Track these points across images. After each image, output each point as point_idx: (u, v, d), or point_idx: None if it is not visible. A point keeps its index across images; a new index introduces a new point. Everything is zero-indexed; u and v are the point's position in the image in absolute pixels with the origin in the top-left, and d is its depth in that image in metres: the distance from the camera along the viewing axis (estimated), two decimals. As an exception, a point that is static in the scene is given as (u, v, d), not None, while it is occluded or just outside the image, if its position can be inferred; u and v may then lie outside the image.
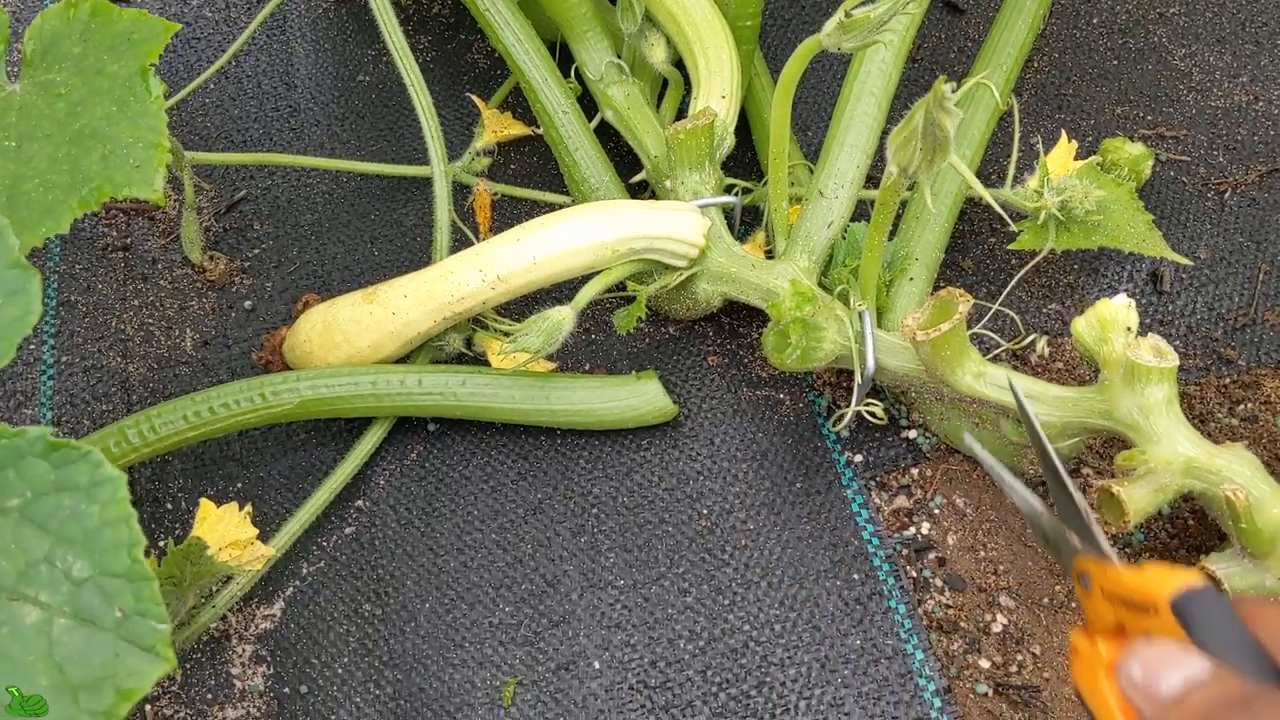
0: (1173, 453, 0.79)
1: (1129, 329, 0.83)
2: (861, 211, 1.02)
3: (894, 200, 0.83)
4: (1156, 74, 1.17)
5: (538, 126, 1.08)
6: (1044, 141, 1.05)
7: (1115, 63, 1.18)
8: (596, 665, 0.87)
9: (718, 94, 1.03)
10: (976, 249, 1.06)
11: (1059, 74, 1.18)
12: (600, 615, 0.89)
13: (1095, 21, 1.21)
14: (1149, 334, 0.82)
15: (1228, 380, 0.97)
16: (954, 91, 0.69)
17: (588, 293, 0.91)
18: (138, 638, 0.60)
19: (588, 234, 0.92)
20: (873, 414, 0.90)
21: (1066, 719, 0.83)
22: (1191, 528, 0.91)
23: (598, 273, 0.93)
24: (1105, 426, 0.82)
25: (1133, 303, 0.83)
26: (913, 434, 0.96)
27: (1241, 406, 0.96)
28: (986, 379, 0.85)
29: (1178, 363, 0.79)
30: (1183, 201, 1.08)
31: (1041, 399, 0.85)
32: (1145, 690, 0.52)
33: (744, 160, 1.12)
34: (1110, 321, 0.83)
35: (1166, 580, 0.54)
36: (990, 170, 1.09)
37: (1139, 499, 0.78)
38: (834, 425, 0.95)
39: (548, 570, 0.92)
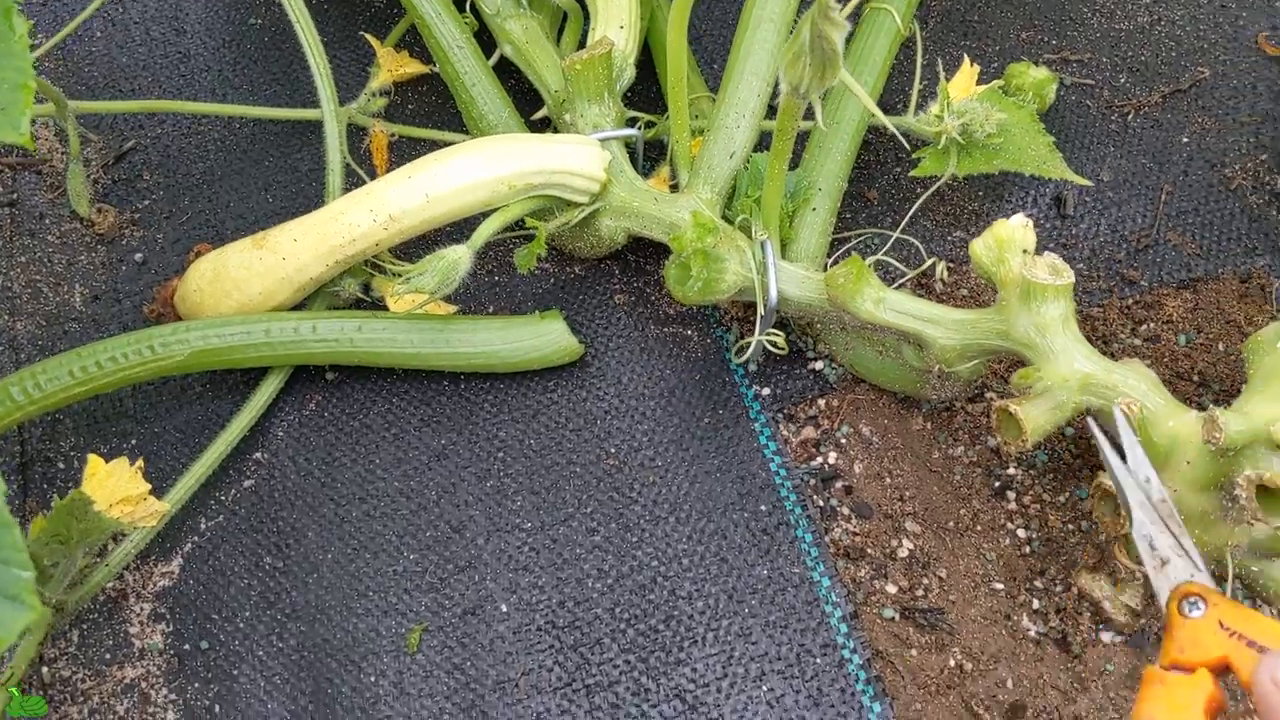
0: (1069, 369, 0.78)
1: (1025, 249, 0.82)
2: (765, 142, 1.01)
3: (792, 125, 0.81)
4: (1061, -2, 1.16)
5: (435, 64, 1.05)
6: (950, 68, 1.04)
7: (1020, -12, 1.17)
8: (504, 608, 0.86)
9: (615, 24, 1.01)
10: (882, 179, 1.05)
11: (965, 1, 1.16)
12: (507, 558, 0.88)
13: (1000, -53, 1.20)
14: (1045, 252, 0.82)
15: (1131, 301, 0.98)
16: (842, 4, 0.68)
17: (485, 231, 0.89)
18: (1, 586, 0.58)
19: (482, 169, 0.90)
20: (774, 344, 0.89)
21: (971, 640, 0.83)
22: (1094, 448, 0.91)
23: (496, 210, 0.91)
24: (1004, 347, 0.82)
25: (1030, 222, 0.83)
26: (819, 365, 0.95)
27: (1144, 326, 0.96)
28: (886, 304, 0.84)
29: (1073, 280, 0.79)
30: (1087, 124, 1.07)
31: (942, 323, 0.84)
32: None
33: (649, 95, 1.10)
34: (1007, 241, 0.82)
35: None
36: (896, 99, 1.07)
37: (1037, 417, 0.78)
38: (737, 357, 0.94)
39: (453, 516, 0.90)
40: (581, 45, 1.07)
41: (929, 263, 0.91)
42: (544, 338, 0.93)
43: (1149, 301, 0.97)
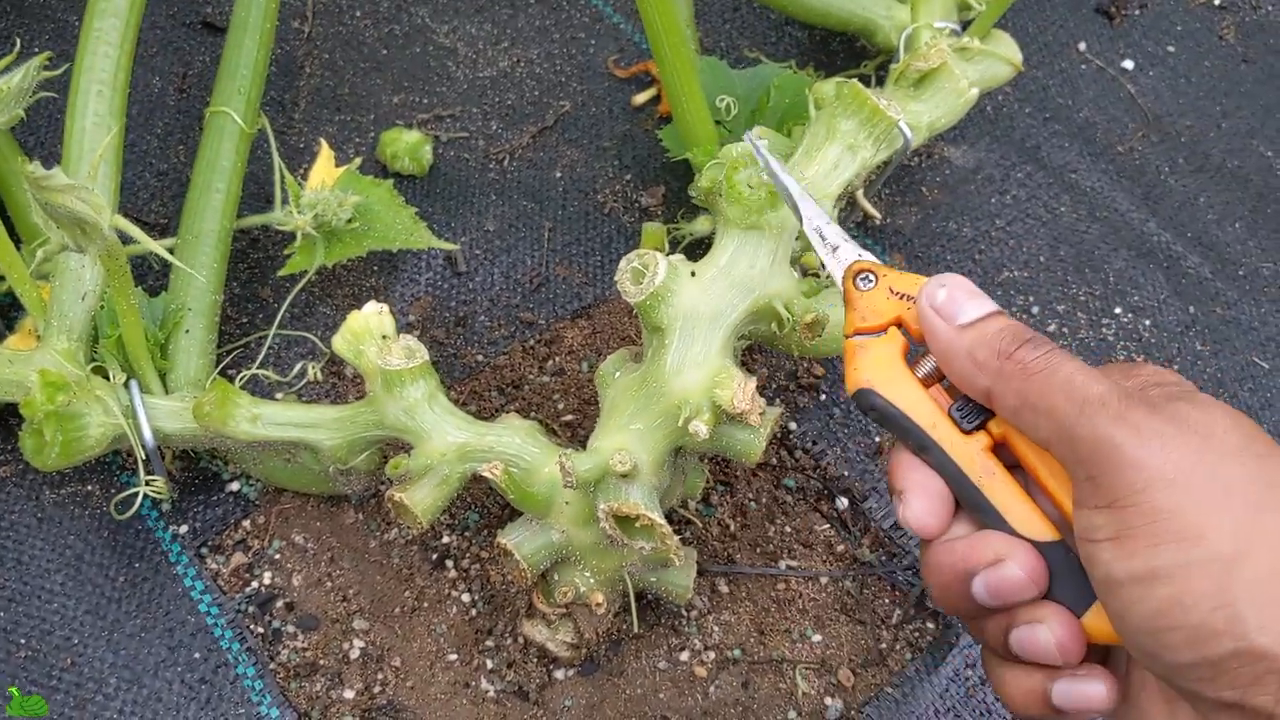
0: (444, 444, 0.80)
1: (384, 335, 0.83)
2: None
3: (114, 265, 0.78)
4: (425, 55, 1.19)
5: None
6: (331, 147, 1.03)
7: (385, 52, 1.19)
8: None
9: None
10: (274, 275, 1.03)
11: (333, 75, 1.17)
12: (-86, 802, 0.79)
13: (359, 14, 1.21)
14: (403, 335, 0.83)
15: (534, 340, 1.02)
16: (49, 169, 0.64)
17: None
18: None
19: None
20: (156, 492, 0.84)
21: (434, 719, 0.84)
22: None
23: None
24: (384, 435, 0.83)
25: (384, 308, 0.84)
26: (237, 486, 0.93)
27: (550, 362, 1.01)
28: (263, 420, 0.83)
29: (427, 358, 0.81)
30: (468, 177, 1.11)
31: (322, 425, 0.83)
32: (948, 310, 0.57)
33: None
34: (363, 332, 0.83)
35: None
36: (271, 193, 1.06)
37: (424, 499, 0.79)
38: (118, 513, 0.89)
39: None
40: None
41: (298, 368, 0.90)
42: (-89, 545, 0.84)
43: (550, 338, 1.02)
